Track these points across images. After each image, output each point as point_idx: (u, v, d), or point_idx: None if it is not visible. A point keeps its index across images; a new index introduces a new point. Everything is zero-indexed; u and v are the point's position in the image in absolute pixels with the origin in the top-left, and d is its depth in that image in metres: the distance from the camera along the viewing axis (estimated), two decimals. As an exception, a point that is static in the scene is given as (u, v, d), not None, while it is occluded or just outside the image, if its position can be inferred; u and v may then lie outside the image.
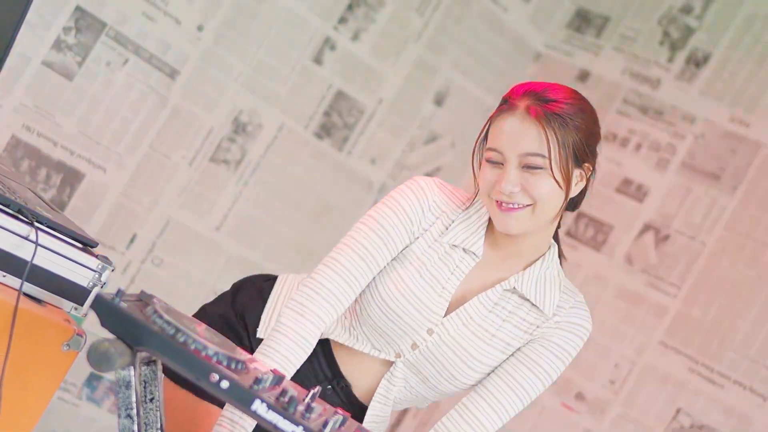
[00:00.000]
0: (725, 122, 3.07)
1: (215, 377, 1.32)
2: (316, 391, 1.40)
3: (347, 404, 1.89)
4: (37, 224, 1.62)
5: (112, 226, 2.86)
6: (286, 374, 1.69)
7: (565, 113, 1.72)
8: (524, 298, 1.82)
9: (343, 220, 3.24)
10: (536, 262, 1.82)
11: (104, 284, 1.71)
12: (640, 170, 3.16)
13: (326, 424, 1.34)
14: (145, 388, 1.48)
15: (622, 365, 3.00)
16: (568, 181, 1.72)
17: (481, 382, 1.82)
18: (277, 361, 1.69)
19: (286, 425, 1.30)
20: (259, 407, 1.31)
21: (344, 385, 1.88)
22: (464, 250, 1.81)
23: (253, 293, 1.97)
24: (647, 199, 3.13)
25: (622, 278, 3.08)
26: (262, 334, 1.90)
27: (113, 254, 2.88)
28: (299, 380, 1.81)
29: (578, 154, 1.73)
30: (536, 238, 1.80)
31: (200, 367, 1.33)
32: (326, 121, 3.15)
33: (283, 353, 1.70)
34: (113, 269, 1.71)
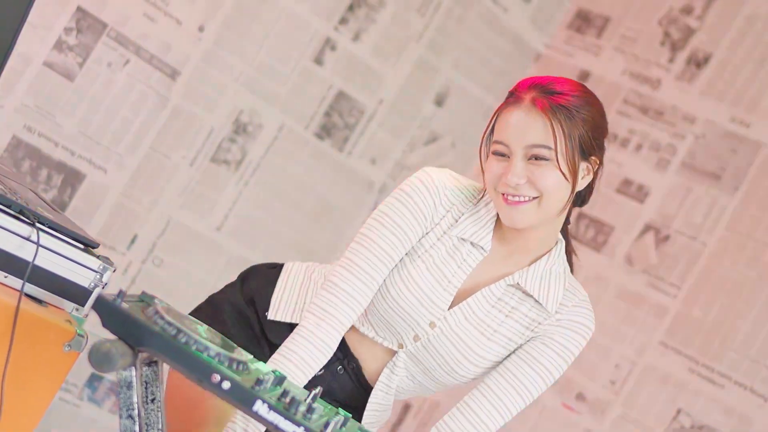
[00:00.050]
0: (726, 122, 3.07)
1: (217, 378, 1.32)
2: (317, 391, 1.40)
3: (356, 385, 1.90)
4: (38, 225, 1.62)
5: (112, 226, 2.86)
6: (304, 377, 1.70)
7: (571, 105, 1.72)
8: (528, 294, 1.82)
9: (343, 220, 3.24)
10: (542, 257, 1.82)
11: (105, 285, 1.71)
12: (640, 170, 3.16)
13: (327, 424, 1.34)
14: (146, 388, 1.48)
15: (622, 365, 3.00)
16: (574, 173, 1.72)
17: (483, 379, 1.83)
18: (296, 363, 1.70)
19: (287, 426, 1.30)
20: (260, 408, 1.31)
21: (354, 365, 1.89)
22: (472, 243, 1.81)
23: (261, 279, 1.98)
24: (648, 199, 3.13)
25: (622, 279, 3.08)
26: (272, 315, 1.91)
27: (114, 255, 2.88)
28: None
29: (585, 146, 1.73)
30: (543, 232, 1.80)
31: (201, 367, 1.33)
32: (327, 121, 3.15)
33: (303, 356, 1.71)
34: (114, 270, 1.71)
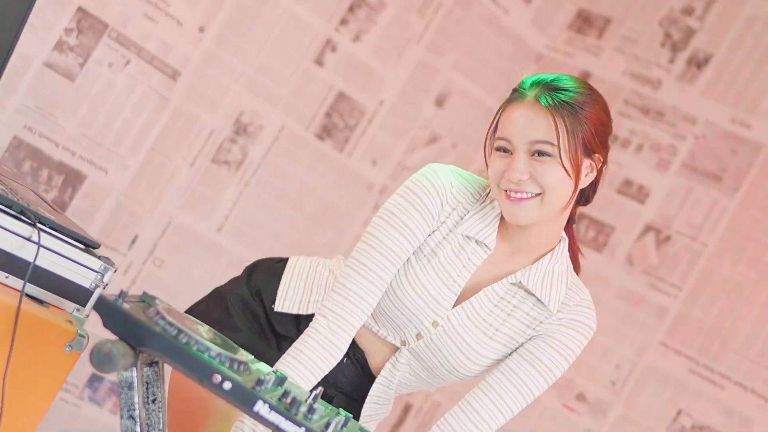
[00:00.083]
0: (726, 123, 3.07)
1: (218, 378, 1.32)
2: (318, 392, 1.40)
3: (362, 375, 1.91)
4: (39, 225, 1.63)
5: (113, 227, 2.86)
6: (314, 378, 1.70)
7: (574, 102, 1.72)
8: (530, 292, 1.82)
9: (343, 221, 3.24)
10: (545, 255, 1.82)
11: (106, 285, 1.71)
12: (641, 171, 3.16)
13: (328, 425, 1.34)
14: (147, 389, 1.48)
15: (623, 366, 3.00)
16: (577, 170, 1.72)
17: (484, 378, 1.83)
18: (305, 365, 1.70)
19: (288, 426, 1.30)
20: (261, 408, 1.31)
21: (360, 356, 1.90)
22: (477, 242, 1.81)
23: (266, 272, 1.99)
24: (648, 200, 3.13)
25: (623, 279, 3.08)
26: (279, 307, 1.92)
27: (115, 255, 2.88)
28: None
29: (588, 143, 1.73)
30: (546, 229, 1.80)
31: (202, 368, 1.33)
32: (327, 122, 3.15)
33: (313, 359, 1.71)
34: (115, 270, 1.71)
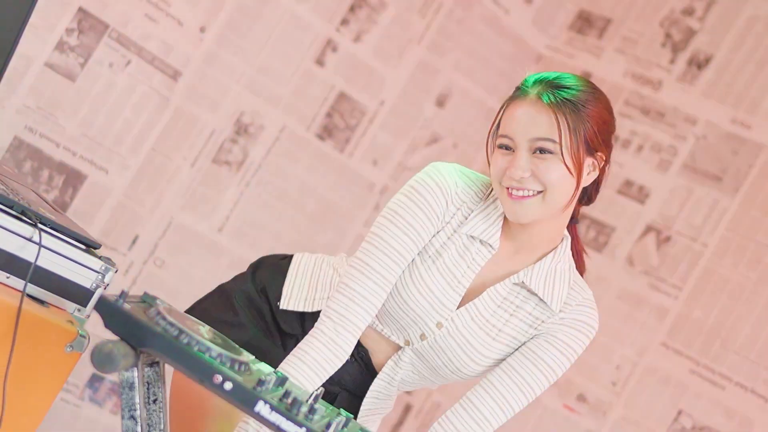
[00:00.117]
0: (727, 124, 3.07)
1: (219, 378, 1.32)
2: (319, 392, 1.40)
3: (365, 372, 1.91)
4: (40, 226, 1.63)
5: (114, 227, 2.87)
6: (318, 380, 1.70)
7: (577, 100, 1.72)
8: (532, 292, 1.82)
9: (344, 221, 3.24)
10: (548, 255, 1.82)
11: (107, 285, 1.71)
12: (641, 172, 3.16)
13: (329, 425, 1.34)
14: (148, 389, 1.49)
15: (623, 367, 3.00)
16: (579, 167, 1.72)
17: (486, 376, 1.84)
18: (310, 366, 1.70)
19: (289, 426, 1.30)
20: (262, 408, 1.31)
21: (363, 353, 1.90)
22: (481, 241, 1.81)
23: (271, 269, 1.99)
24: (649, 200, 3.13)
25: (623, 280, 3.08)
26: (284, 305, 1.92)
27: (115, 255, 2.88)
28: None
29: (590, 141, 1.72)
30: (548, 227, 1.80)
31: (203, 368, 1.33)
32: (328, 122, 3.15)
33: (318, 360, 1.71)
34: (116, 271, 1.71)
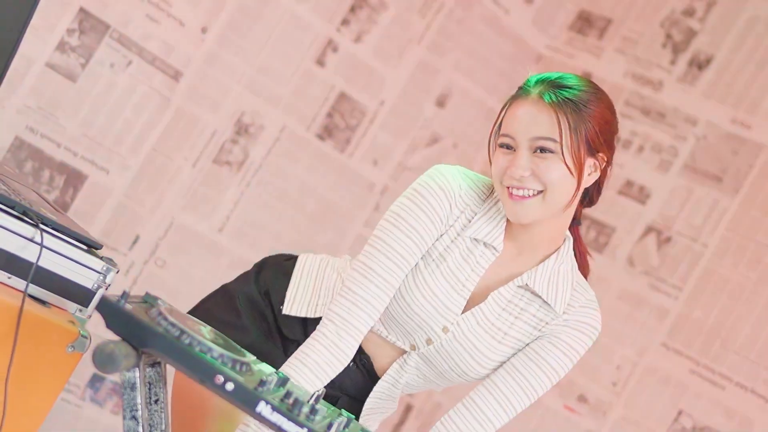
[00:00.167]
0: (727, 124, 3.08)
1: (220, 379, 1.32)
2: (320, 393, 1.40)
3: (367, 379, 1.91)
4: (42, 226, 1.63)
5: (114, 227, 2.87)
6: (320, 383, 1.70)
7: (578, 99, 1.71)
8: (536, 294, 1.82)
9: (344, 221, 3.24)
10: (551, 256, 1.82)
11: (108, 286, 1.71)
12: (642, 172, 3.17)
13: (330, 425, 1.34)
14: (149, 389, 1.49)
15: (623, 367, 3.00)
16: (580, 167, 1.71)
17: (488, 376, 1.84)
18: (311, 369, 1.70)
19: (290, 427, 1.30)
20: (263, 409, 1.31)
21: (365, 360, 1.90)
22: (485, 244, 1.80)
23: (276, 271, 1.98)
24: (649, 200, 3.13)
25: (624, 280, 3.08)
26: (287, 310, 1.91)
27: (116, 255, 2.88)
28: None
29: (591, 142, 1.72)
30: (549, 228, 1.79)
31: (205, 368, 1.33)
32: (328, 122, 3.16)
33: (320, 363, 1.71)
34: (118, 271, 1.71)
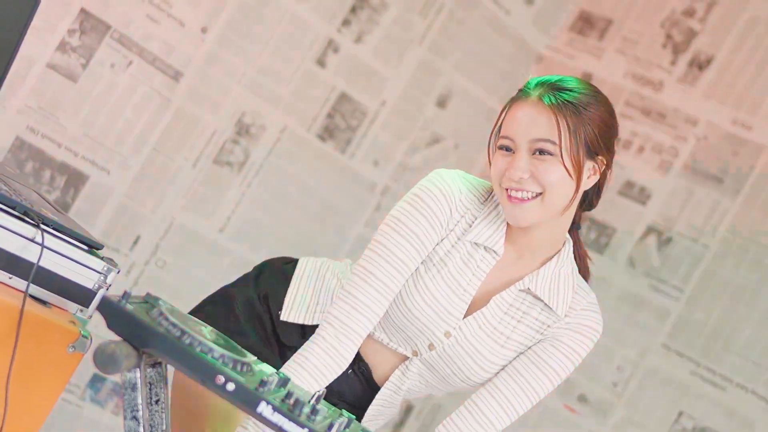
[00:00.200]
0: (728, 125, 3.08)
1: (221, 379, 1.33)
2: (321, 393, 1.40)
3: (366, 387, 1.91)
4: (42, 226, 1.63)
5: (115, 227, 2.87)
6: (317, 386, 1.70)
7: (578, 102, 1.72)
8: (538, 298, 1.82)
9: (345, 222, 3.24)
10: (551, 259, 1.82)
11: (109, 286, 1.71)
12: (642, 173, 3.16)
13: (331, 426, 1.34)
14: (150, 389, 1.49)
15: (624, 368, 3.00)
16: (579, 170, 1.71)
17: (490, 379, 1.84)
18: (310, 372, 1.70)
19: (291, 427, 1.30)
20: (264, 409, 1.31)
21: (364, 369, 1.89)
22: (486, 248, 1.80)
23: (275, 275, 1.98)
24: (650, 201, 3.13)
25: (624, 281, 3.08)
26: (285, 317, 1.91)
27: (117, 256, 2.88)
28: None
29: (591, 144, 1.72)
30: (548, 230, 1.79)
31: (206, 369, 1.33)
32: (329, 123, 3.16)
33: (318, 366, 1.71)
34: (119, 271, 1.71)
